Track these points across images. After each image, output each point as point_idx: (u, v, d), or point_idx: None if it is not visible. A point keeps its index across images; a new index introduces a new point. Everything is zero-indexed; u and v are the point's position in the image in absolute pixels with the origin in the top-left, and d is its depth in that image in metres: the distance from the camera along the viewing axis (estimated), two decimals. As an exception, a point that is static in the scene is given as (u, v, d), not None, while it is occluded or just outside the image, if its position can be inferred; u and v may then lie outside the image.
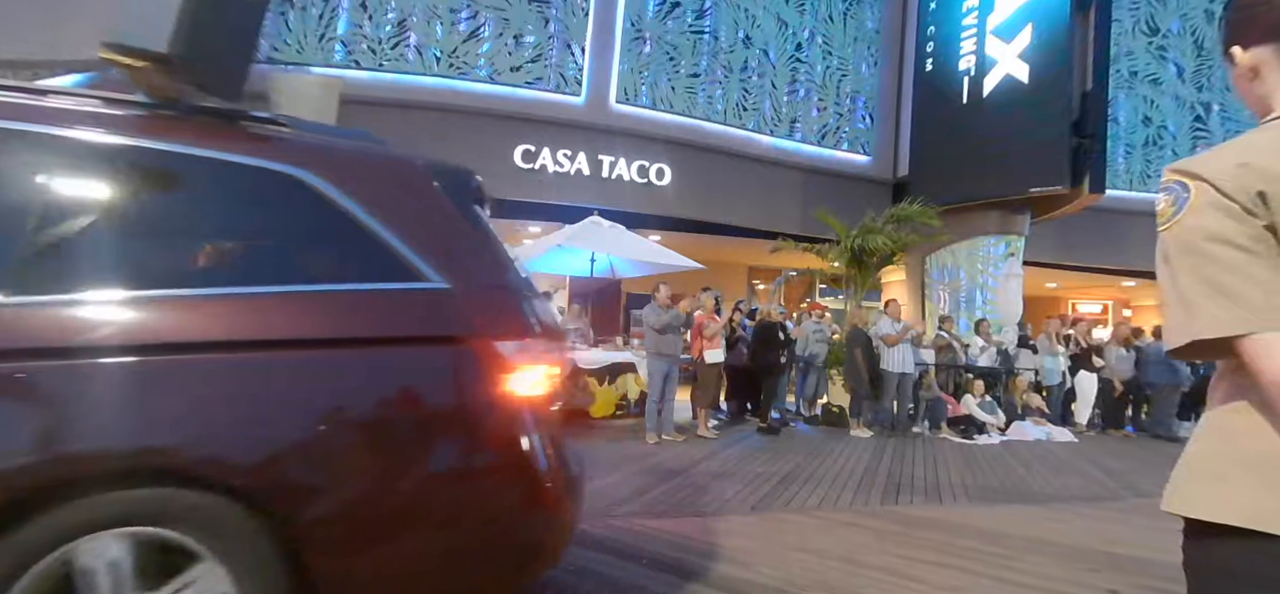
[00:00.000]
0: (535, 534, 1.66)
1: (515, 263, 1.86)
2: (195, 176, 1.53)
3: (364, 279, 1.58)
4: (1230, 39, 0.90)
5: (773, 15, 11.47)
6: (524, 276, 1.88)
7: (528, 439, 1.61)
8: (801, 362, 8.06)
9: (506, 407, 1.60)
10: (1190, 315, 0.78)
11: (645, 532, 3.37)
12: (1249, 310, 0.73)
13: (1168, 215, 0.82)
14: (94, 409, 1.32)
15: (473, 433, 1.61)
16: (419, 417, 1.57)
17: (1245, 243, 0.75)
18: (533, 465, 1.61)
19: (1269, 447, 0.76)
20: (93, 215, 1.44)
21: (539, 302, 1.82)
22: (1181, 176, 0.82)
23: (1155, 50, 12.94)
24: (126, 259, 1.44)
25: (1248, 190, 0.75)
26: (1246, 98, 0.90)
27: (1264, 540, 0.74)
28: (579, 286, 10.71)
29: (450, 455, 1.60)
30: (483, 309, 1.65)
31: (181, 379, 1.39)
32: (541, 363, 1.69)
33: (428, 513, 1.53)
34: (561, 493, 1.69)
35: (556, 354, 1.81)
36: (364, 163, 1.71)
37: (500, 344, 1.61)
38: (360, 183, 1.62)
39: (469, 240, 1.71)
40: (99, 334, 1.34)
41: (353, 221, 1.57)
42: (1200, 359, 0.80)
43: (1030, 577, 2.95)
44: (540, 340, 1.69)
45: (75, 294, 1.35)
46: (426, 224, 1.66)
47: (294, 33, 9.04)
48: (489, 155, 9.53)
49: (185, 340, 1.40)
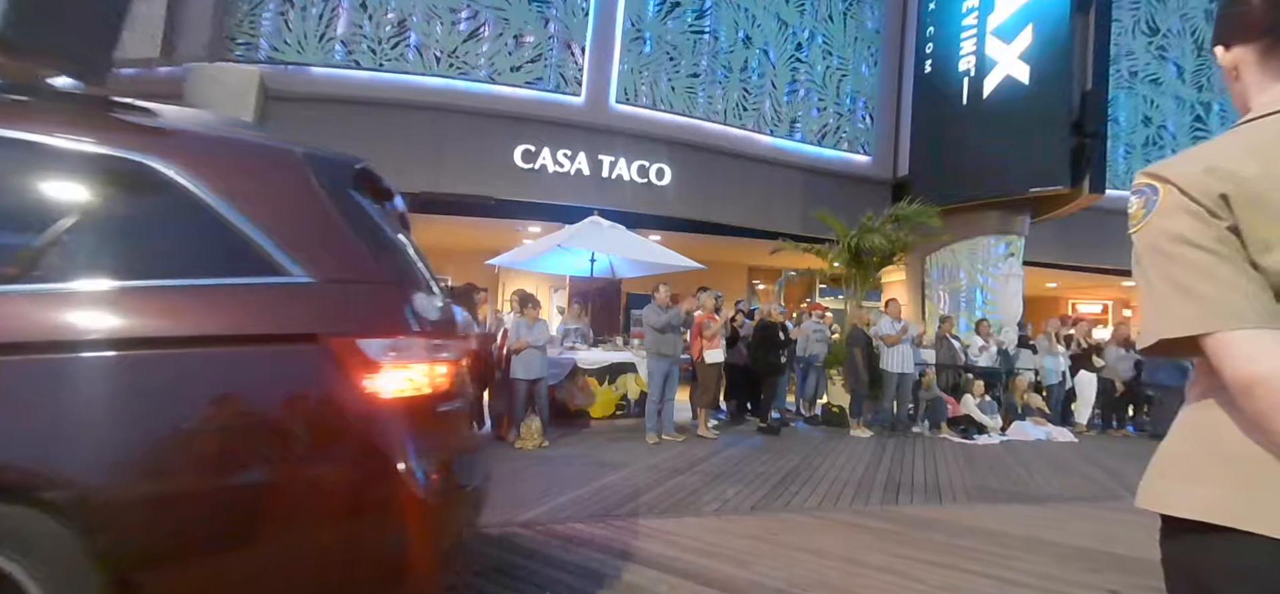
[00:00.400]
0: (395, 554, 1.51)
1: (407, 256, 1.77)
2: (24, 162, 1.44)
3: (212, 273, 1.47)
4: (1214, 38, 0.92)
5: (773, 15, 11.47)
6: (418, 271, 1.79)
7: (392, 447, 1.49)
8: (801, 362, 8.06)
9: (367, 410, 1.48)
10: (1158, 315, 0.81)
11: (645, 532, 3.37)
12: (1210, 310, 0.75)
13: (1139, 218, 0.85)
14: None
15: (322, 439, 1.48)
16: (258, 421, 1.46)
17: (1209, 244, 0.76)
18: (394, 476, 1.48)
19: (1235, 443, 0.78)
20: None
21: (424, 297, 1.70)
22: (1151, 180, 0.84)
23: (1155, 50, 12.94)
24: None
25: (1211, 193, 0.77)
26: (1231, 96, 0.92)
27: (1232, 535, 0.75)
28: (579, 286, 10.71)
29: (294, 464, 1.46)
30: (346, 305, 1.54)
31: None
32: (419, 362, 1.58)
33: (264, 528, 1.41)
34: (433, 508, 1.54)
35: (446, 353, 1.70)
36: (221, 150, 1.62)
37: (364, 342, 1.49)
38: (215, 171, 1.52)
39: (340, 232, 1.60)
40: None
41: (203, 211, 1.48)
42: (1170, 357, 0.82)
43: (1030, 577, 2.95)
44: (420, 338, 1.58)
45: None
46: (289, 215, 1.56)
47: (294, 33, 9.03)
48: (489, 155, 9.53)
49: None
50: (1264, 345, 0.72)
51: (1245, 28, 0.85)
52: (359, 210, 1.69)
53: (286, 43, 9.01)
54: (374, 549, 1.50)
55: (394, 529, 1.51)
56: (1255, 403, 0.72)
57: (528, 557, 2.94)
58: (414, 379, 1.57)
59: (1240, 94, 0.88)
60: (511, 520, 3.46)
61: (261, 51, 8.98)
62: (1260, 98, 0.84)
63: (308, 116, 8.92)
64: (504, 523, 3.40)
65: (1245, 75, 0.86)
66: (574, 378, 7.09)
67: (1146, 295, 0.83)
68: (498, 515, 3.54)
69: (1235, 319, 0.74)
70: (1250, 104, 0.85)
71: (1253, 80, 0.85)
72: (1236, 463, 0.77)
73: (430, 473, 1.54)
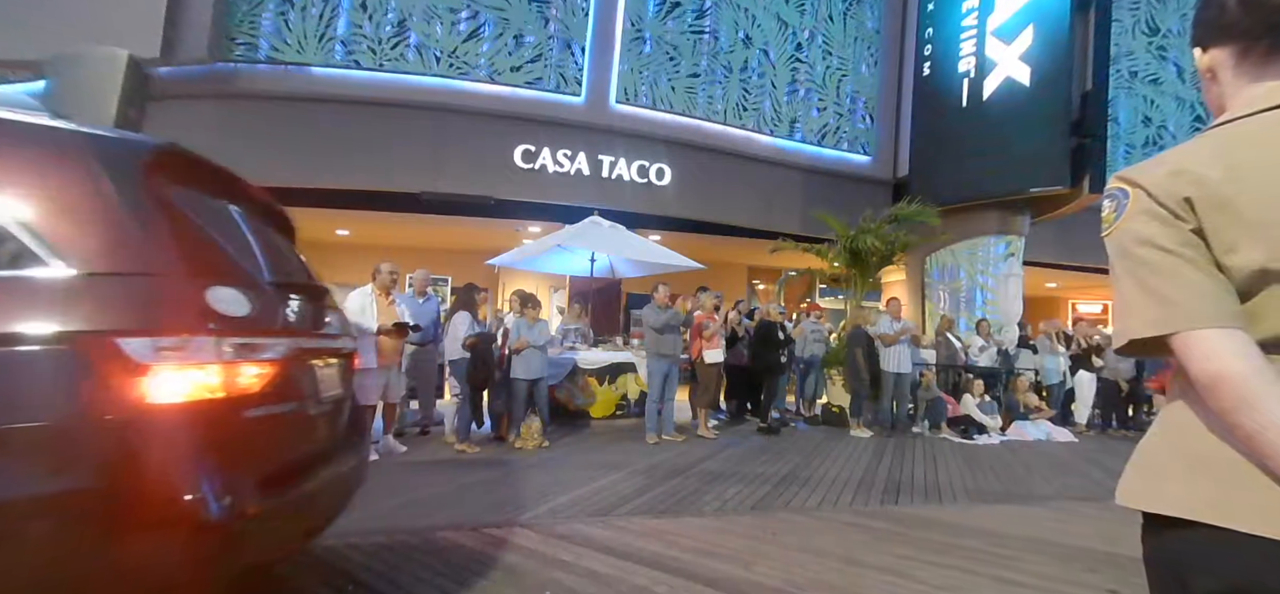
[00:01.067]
0: (163, 572, 1.36)
1: (218, 247, 1.64)
2: None
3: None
4: (1192, 40, 0.93)
5: (773, 15, 11.47)
6: (237, 263, 1.66)
7: (164, 458, 1.36)
8: (801, 362, 8.07)
9: (128, 419, 1.33)
10: (1127, 316, 0.82)
11: (645, 532, 3.37)
12: (1176, 311, 0.77)
13: (1110, 221, 0.86)
14: None
15: (67, 452, 1.31)
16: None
17: (1175, 247, 0.78)
18: (160, 491, 1.34)
19: (1206, 440, 0.79)
20: None
21: (233, 292, 1.57)
22: (1122, 183, 0.85)
23: (1155, 50, 12.95)
24: None
25: (1176, 196, 0.78)
26: (1207, 99, 0.92)
27: (1205, 531, 0.76)
28: (579, 286, 10.70)
29: (34, 476, 1.28)
30: (108, 300, 1.38)
31: None
32: (213, 364, 1.44)
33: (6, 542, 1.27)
34: (219, 525, 1.39)
35: (262, 353, 1.59)
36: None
37: (128, 343, 1.34)
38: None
39: (117, 220, 1.44)
40: None
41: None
42: (1142, 357, 0.84)
43: (1030, 577, 2.95)
44: (211, 337, 1.44)
45: None
46: (54, 201, 1.41)
47: (294, 33, 9.03)
48: (489, 155, 9.53)
49: None
50: (1227, 344, 0.74)
51: (1221, 29, 0.86)
52: (155, 198, 1.53)
53: (286, 43, 9.00)
54: (130, 575, 1.31)
55: (158, 551, 1.34)
56: (1219, 400, 0.74)
57: (528, 557, 2.94)
58: (205, 383, 1.42)
59: (1217, 97, 0.89)
60: (511, 520, 3.46)
61: (261, 51, 8.98)
62: (1234, 101, 0.84)
63: (308, 116, 8.94)
64: (504, 523, 3.41)
65: (1221, 77, 0.87)
66: (574, 378, 7.09)
67: (1117, 297, 0.85)
68: (498, 515, 3.55)
69: (1200, 319, 0.75)
70: (1226, 106, 0.86)
71: (1228, 82, 0.86)
72: (1208, 460, 0.78)
73: (224, 485, 1.38)
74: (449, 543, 3.07)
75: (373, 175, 9.07)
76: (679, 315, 6.33)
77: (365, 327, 4.95)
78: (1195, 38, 0.91)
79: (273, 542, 1.64)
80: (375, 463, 4.84)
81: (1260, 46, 0.82)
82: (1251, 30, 0.82)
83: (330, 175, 8.86)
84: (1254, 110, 0.80)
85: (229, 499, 1.41)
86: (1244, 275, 0.75)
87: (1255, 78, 0.83)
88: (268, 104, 8.89)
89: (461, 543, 3.08)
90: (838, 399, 7.83)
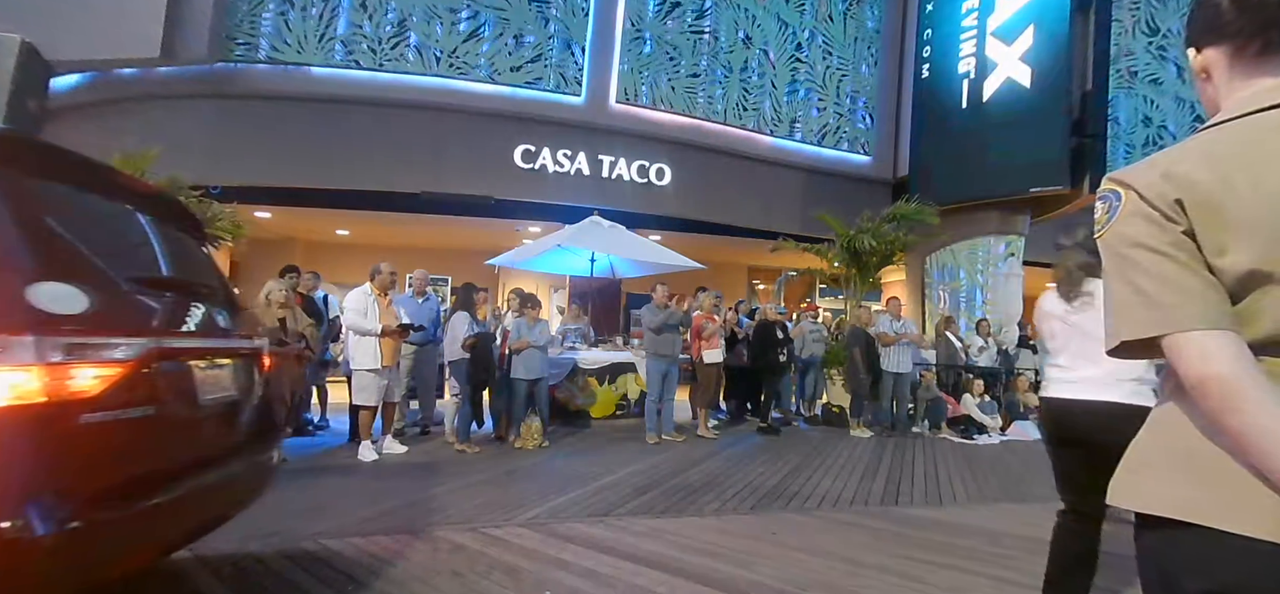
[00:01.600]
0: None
1: (54, 240, 1.53)
2: None
3: None
4: (1186, 40, 0.92)
5: (773, 15, 11.47)
6: (81, 256, 1.56)
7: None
8: (800, 362, 8.07)
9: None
10: (1118, 317, 0.82)
11: (645, 532, 3.37)
12: (1166, 312, 0.77)
13: (1102, 223, 0.87)
14: None
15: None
16: None
17: (1164, 248, 0.78)
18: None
19: (1195, 440, 0.79)
20: None
21: (65, 288, 1.46)
22: (1115, 185, 0.86)
23: (1155, 50, 12.95)
24: None
25: (1166, 198, 0.79)
26: (1202, 99, 0.91)
27: (1194, 530, 0.77)
28: (579, 286, 10.71)
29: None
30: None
31: None
32: (30, 365, 1.33)
33: None
34: (28, 538, 1.27)
35: (103, 352, 1.47)
36: None
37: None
38: None
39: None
40: None
41: None
42: (1133, 358, 0.84)
43: (1030, 577, 2.94)
44: (29, 335, 1.33)
45: None
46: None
47: (294, 33, 9.03)
48: (489, 155, 9.54)
49: None
50: (1216, 345, 0.74)
51: (1214, 30, 0.86)
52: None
53: (286, 43, 9.01)
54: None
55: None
56: (1208, 401, 0.74)
57: (528, 557, 2.94)
58: (21, 386, 1.31)
59: (1211, 97, 0.88)
60: (511, 520, 3.46)
61: (261, 51, 8.98)
62: (1227, 102, 0.84)
63: (308, 116, 8.94)
64: (504, 523, 3.41)
65: (1215, 77, 0.87)
66: (574, 378, 7.09)
67: (1108, 298, 0.85)
68: (498, 515, 3.55)
69: (1189, 321, 0.75)
70: (1221, 106, 0.86)
71: (1222, 82, 0.86)
72: (1197, 460, 0.79)
73: (45, 497, 1.28)
74: (449, 542, 3.07)
75: (373, 175, 9.07)
76: (676, 315, 6.33)
77: (368, 327, 4.97)
78: (1189, 38, 0.91)
79: (115, 555, 1.52)
80: (375, 463, 4.84)
81: (1253, 47, 0.82)
82: (1244, 31, 0.82)
83: (330, 175, 8.87)
84: (1245, 112, 0.80)
85: (50, 512, 1.29)
86: (1234, 277, 0.76)
87: (1248, 78, 0.83)
88: (268, 104, 8.89)
89: (462, 543, 3.08)
90: (838, 399, 7.83)
